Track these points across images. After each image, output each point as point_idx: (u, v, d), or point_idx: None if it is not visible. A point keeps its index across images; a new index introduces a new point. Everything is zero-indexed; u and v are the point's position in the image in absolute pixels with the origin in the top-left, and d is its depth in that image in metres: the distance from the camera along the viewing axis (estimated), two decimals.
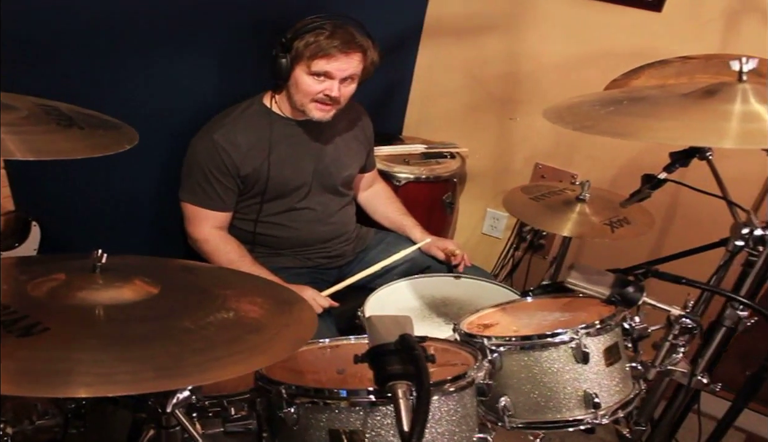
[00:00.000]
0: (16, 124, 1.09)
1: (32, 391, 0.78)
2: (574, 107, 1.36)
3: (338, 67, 1.96)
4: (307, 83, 1.98)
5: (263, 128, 2.08)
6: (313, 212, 2.21)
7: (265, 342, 0.98)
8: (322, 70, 1.96)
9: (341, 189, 2.29)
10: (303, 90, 2.00)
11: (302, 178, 2.16)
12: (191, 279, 1.23)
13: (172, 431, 1.08)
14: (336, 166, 2.23)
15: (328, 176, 2.21)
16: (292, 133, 2.13)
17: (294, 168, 2.13)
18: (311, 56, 1.94)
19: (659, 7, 2.48)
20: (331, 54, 1.94)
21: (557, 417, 1.44)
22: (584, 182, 2.12)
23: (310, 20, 1.95)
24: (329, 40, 1.93)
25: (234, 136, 2.03)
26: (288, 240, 2.21)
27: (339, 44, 1.94)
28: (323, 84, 1.98)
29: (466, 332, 1.51)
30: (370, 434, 1.14)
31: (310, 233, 2.22)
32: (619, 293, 1.42)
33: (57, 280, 1.05)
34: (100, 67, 1.90)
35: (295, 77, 1.99)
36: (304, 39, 1.93)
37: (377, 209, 2.51)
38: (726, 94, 1.22)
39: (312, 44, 1.93)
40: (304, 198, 2.19)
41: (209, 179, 2.04)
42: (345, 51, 1.95)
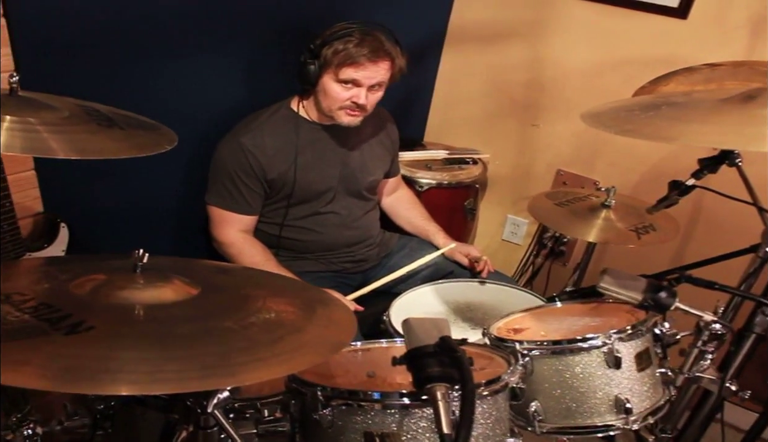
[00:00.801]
0: (57, 123, 1.10)
1: (81, 389, 0.78)
2: (613, 112, 1.36)
3: (366, 75, 1.97)
4: (335, 91, 1.99)
5: (290, 132, 2.09)
6: (338, 217, 2.22)
7: (307, 343, 0.98)
8: (349, 79, 1.96)
9: (366, 194, 2.30)
10: (331, 97, 2.01)
11: (328, 183, 2.17)
12: (228, 280, 1.24)
13: (210, 431, 1.08)
14: (361, 171, 2.24)
15: (353, 181, 2.22)
16: (319, 137, 2.14)
17: (320, 172, 2.14)
18: (339, 64, 1.94)
19: (685, 14, 2.47)
20: (359, 62, 1.94)
21: (588, 423, 1.43)
22: (610, 188, 2.12)
23: (339, 27, 1.95)
24: (357, 48, 1.93)
25: (261, 140, 2.04)
26: (313, 244, 2.21)
27: (367, 52, 1.94)
28: (351, 91, 1.99)
29: (497, 337, 1.51)
30: (406, 436, 1.14)
31: (334, 237, 2.23)
32: (652, 298, 1.42)
33: (98, 279, 1.06)
34: (130, 70, 1.93)
35: (323, 84, 2.00)
36: (332, 46, 1.93)
37: (400, 214, 2.52)
38: (765, 99, 1.21)
39: (340, 52, 1.93)
40: (330, 202, 2.19)
41: (236, 183, 2.05)
42: (373, 59, 1.95)
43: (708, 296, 1.55)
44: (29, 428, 1.34)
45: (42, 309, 0.93)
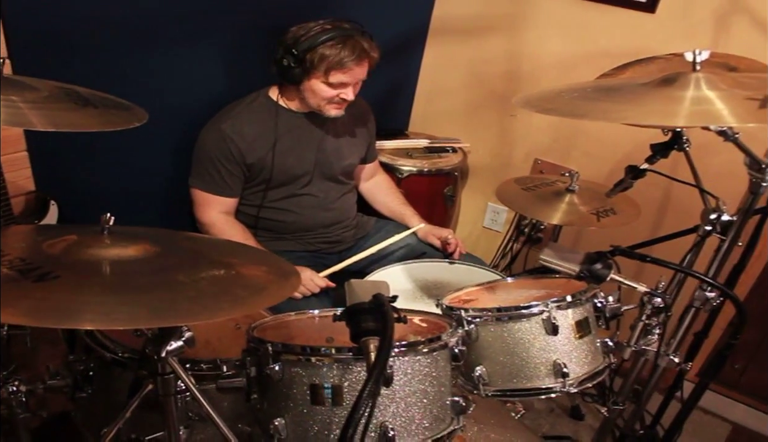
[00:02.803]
0: (38, 101, 1.23)
1: (46, 323, 0.91)
2: (542, 94, 1.47)
3: (353, 76, 2.11)
4: (323, 90, 2.12)
5: (269, 120, 2.21)
6: (315, 199, 2.33)
7: (249, 296, 1.10)
8: (338, 81, 2.10)
9: (341, 178, 2.41)
10: (320, 96, 2.14)
11: (305, 167, 2.28)
12: (190, 245, 1.36)
13: (166, 377, 1.20)
14: (337, 155, 2.35)
15: (328, 165, 2.34)
16: (297, 124, 2.26)
17: (297, 157, 2.26)
18: (328, 69, 2.07)
19: (653, 8, 2.58)
20: (347, 66, 2.07)
21: (528, 385, 1.54)
22: (573, 174, 2.22)
23: (319, 30, 2.06)
24: (343, 53, 2.05)
25: (241, 127, 2.16)
26: (291, 224, 2.33)
27: (353, 57, 2.07)
28: (338, 89, 2.13)
29: (448, 306, 1.62)
30: (347, 387, 1.26)
31: (311, 218, 2.34)
32: (588, 269, 1.53)
33: (69, 240, 1.18)
34: (119, 59, 2.04)
35: (310, 85, 2.13)
36: (317, 52, 2.05)
37: (377, 199, 2.64)
38: (681, 82, 1.33)
39: (327, 58, 2.05)
40: (306, 185, 2.31)
41: (217, 167, 2.17)
42: (358, 62, 2.09)
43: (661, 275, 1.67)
44: (14, 385, 1.47)
45: (16, 263, 1.06)
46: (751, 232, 1.77)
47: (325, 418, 1.27)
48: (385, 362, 1.02)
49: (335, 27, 2.07)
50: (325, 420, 1.27)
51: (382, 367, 1.01)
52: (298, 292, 2.14)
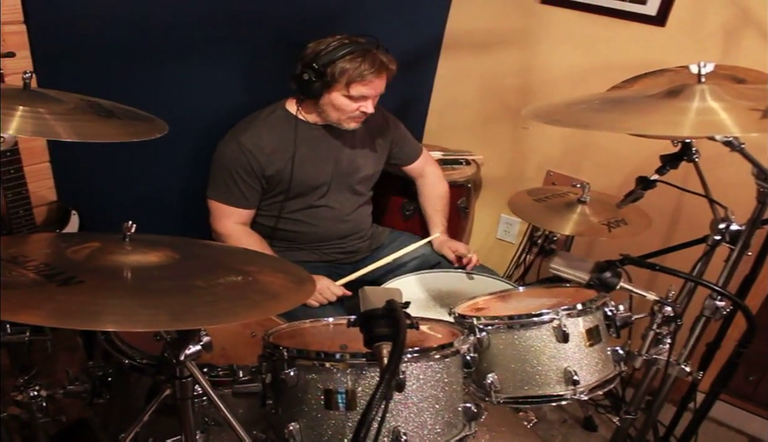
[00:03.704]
0: (63, 113, 1.28)
1: (68, 324, 0.94)
2: (549, 106, 1.50)
3: (373, 88, 2.15)
4: (344, 104, 2.16)
5: (287, 132, 2.24)
6: (331, 210, 2.36)
7: (266, 300, 1.14)
8: (359, 94, 2.13)
9: (358, 189, 2.44)
10: (340, 109, 2.18)
11: (322, 179, 2.31)
12: (209, 252, 1.40)
13: (184, 381, 1.23)
14: (353, 167, 2.38)
15: (345, 177, 2.36)
16: (314, 136, 2.29)
17: (315, 169, 2.29)
18: (349, 83, 2.10)
19: (663, 22, 2.60)
20: (368, 79, 2.11)
21: (539, 393, 1.56)
22: (585, 185, 2.24)
23: (338, 44, 2.10)
24: (363, 66, 2.09)
25: (259, 139, 2.19)
26: (306, 235, 2.36)
27: (373, 70, 2.10)
28: (359, 102, 2.16)
29: (460, 314, 1.64)
30: (361, 393, 1.28)
31: (327, 229, 2.37)
32: (597, 277, 1.54)
33: (92, 247, 1.22)
34: (140, 71, 2.11)
35: (330, 99, 2.16)
36: (337, 66, 2.09)
37: (421, 198, 2.70)
38: (686, 93, 1.36)
39: (348, 71, 2.08)
40: (323, 196, 2.34)
41: (235, 179, 2.20)
42: (378, 74, 2.13)
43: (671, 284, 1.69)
44: (34, 390, 1.51)
45: (41, 268, 1.10)
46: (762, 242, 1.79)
47: (338, 423, 1.30)
48: (398, 365, 1.05)
49: (353, 42, 2.11)
50: (339, 425, 1.30)
51: (395, 370, 1.03)
52: (315, 300, 2.16)
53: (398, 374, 1.06)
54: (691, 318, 1.83)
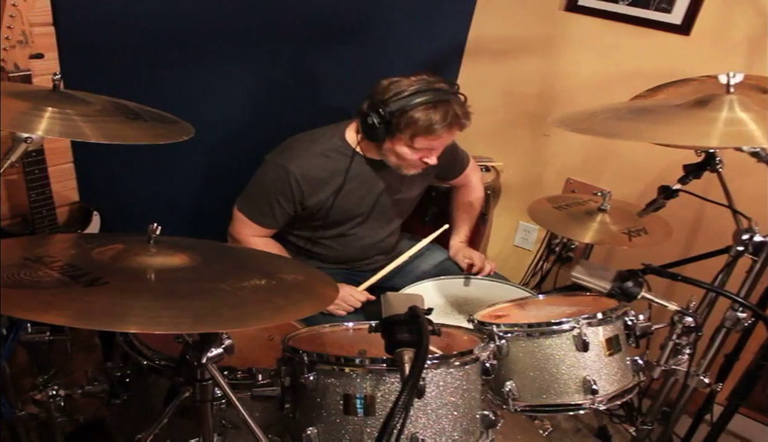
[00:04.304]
0: (90, 115, 1.30)
1: (93, 325, 0.95)
2: (576, 114, 1.50)
3: (441, 142, 2.02)
4: (406, 153, 2.02)
5: (340, 166, 2.11)
6: (363, 238, 2.31)
7: (289, 305, 1.14)
8: (424, 147, 2.00)
9: (397, 216, 2.38)
10: (400, 157, 2.04)
11: (361, 210, 2.24)
12: (233, 255, 1.41)
13: (204, 384, 1.24)
14: (395, 200, 2.29)
15: (385, 208, 2.29)
16: (367, 170, 2.17)
17: (357, 201, 2.21)
18: (414, 135, 1.95)
19: (688, 31, 2.58)
20: (436, 133, 1.95)
21: (558, 401, 1.56)
22: (605, 193, 2.23)
23: (413, 91, 1.93)
24: (434, 118, 1.92)
25: (309, 171, 2.07)
26: (333, 258, 2.33)
27: (444, 124, 1.94)
28: (422, 153, 2.02)
29: (479, 321, 1.64)
30: (380, 398, 1.29)
31: (354, 252, 2.34)
32: (619, 287, 1.53)
33: (117, 248, 1.23)
34: (166, 74, 2.12)
35: (393, 144, 2.01)
36: (406, 115, 1.92)
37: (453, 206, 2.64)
38: (715, 103, 1.35)
39: (416, 123, 1.92)
40: (358, 226, 2.27)
41: (272, 203, 2.11)
42: (449, 129, 1.97)
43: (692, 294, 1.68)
44: (53, 390, 1.52)
45: (66, 268, 1.11)
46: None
47: (357, 428, 1.30)
48: (420, 373, 1.05)
49: (430, 88, 1.94)
50: (357, 430, 1.30)
51: (417, 377, 1.03)
52: (340, 310, 2.14)
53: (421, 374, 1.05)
54: (710, 328, 1.82)
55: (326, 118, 2.22)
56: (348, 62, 2.61)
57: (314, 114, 2.33)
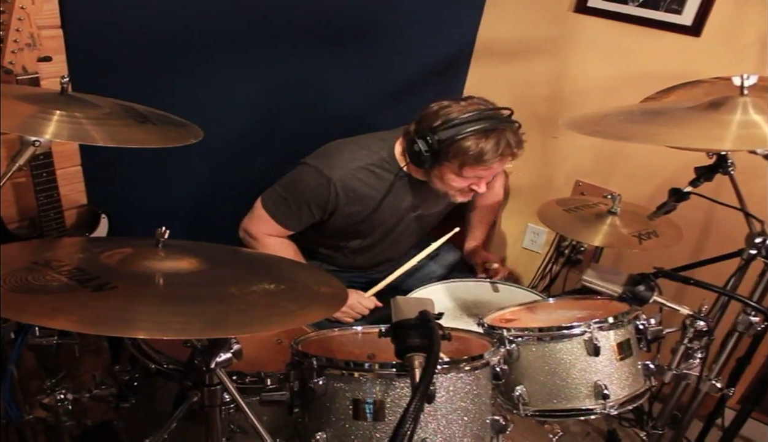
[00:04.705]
0: (99, 118, 1.29)
1: (101, 330, 0.94)
2: (588, 117, 1.49)
3: (491, 173, 1.95)
4: (454, 181, 1.95)
5: (383, 182, 2.05)
6: (384, 252, 2.29)
7: (299, 309, 1.13)
8: (473, 176, 1.93)
9: (419, 233, 2.34)
10: (448, 185, 1.97)
11: (391, 228, 2.21)
12: (242, 259, 1.40)
13: (213, 389, 1.23)
14: (423, 216, 2.26)
15: (414, 227, 2.26)
16: (407, 190, 2.12)
17: (390, 218, 2.16)
18: (461, 164, 1.87)
19: (698, 32, 2.55)
20: (487, 164, 1.88)
21: (568, 406, 1.54)
22: (615, 196, 2.21)
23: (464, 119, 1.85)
24: (486, 148, 1.84)
25: (352, 183, 2.01)
26: (349, 264, 2.32)
27: (496, 153, 1.87)
28: (470, 180, 1.96)
29: (489, 325, 1.63)
30: (390, 403, 1.27)
31: (371, 261, 2.33)
32: (630, 290, 1.53)
33: (125, 252, 1.23)
34: (175, 77, 2.11)
35: (441, 171, 1.94)
36: (455, 144, 1.84)
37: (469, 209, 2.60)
38: (728, 106, 1.33)
39: (466, 152, 1.84)
40: (382, 241, 2.25)
41: (301, 207, 2.05)
42: (501, 160, 1.90)
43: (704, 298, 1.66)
44: (61, 393, 1.51)
45: (75, 272, 1.10)
46: None
47: (366, 433, 1.29)
48: (431, 379, 1.03)
49: (482, 117, 1.86)
50: (367, 435, 1.29)
51: (429, 383, 1.02)
52: (348, 317, 2.13)
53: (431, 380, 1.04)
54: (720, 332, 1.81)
55: (335, 121, 2.21)
56: (357, 65, 2.60)
57: (324, 117, 2.33)
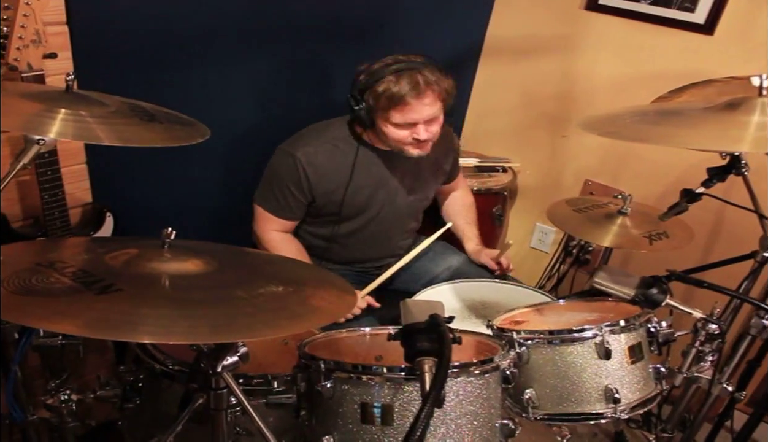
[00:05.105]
0: (105, 116, 1.27)
1: (105, 335, 0.92)
2: (604, 117, 1.46)
3: (415, 114, 1.94)
4: (393, 132, 1.99)
5: (348, 155, 2.11)
6: (375, 237, 2.29)
7: (306, 313, 1.11)
8: (401, 122, 1.95)
9: (410, 217, 2.36)
10: (392, 138, 2.01)
11: (375, 207, 2.22)
12: (249, 261, 1.38)
13: (219, 392, 1.21)
14: (409, 193, 2.27)
15: (399, 203, 2.26)
16: (375, 162, 2.16)
17: (368, 196, 2.19)
18: (385, 109, 1.93)
19: (711, 30, 2.53)
20: (405, 103, 1.91)
21: (578, 410, 1.52)
22: (626, 196, 2.18)
23: (380, 66, 1.93)
24: (398, 88, 1.89)
25: (316, 158, 2.07)
26: (346, 258, 2.32)
27: (408, 90, 1.89)
28: (408, 129, 1.98)
29: (498, 327, 1.61)
30: (398, 407, 1.26)
31: (365, 252, 2.32)
32: (643, 293, 1.50)
33: (130, 253, 1.20)
34: (180, 74, 2.11)
35: (379, 127, 2.00)
36: (372, 91, 1.92)
37: (449, 212, 2.60)
38: (747, 107, 1.31)
39: (382, 97, 1.91)
40: (373, 223, 2.25)
41: (284, 192, 2.11)
42: (417, 96, 1.91)
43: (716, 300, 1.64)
44: (66, 394, 1.50)
45: (79, 274, 1.08)
46: None
47: (374, 437, 1.27)
48: (442, 386, 1.01)
49: (395, 61, 1.92)
50: (374, 439, 1.27)
51: (440, 388, 1.00)
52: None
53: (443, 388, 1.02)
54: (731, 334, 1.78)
55: None
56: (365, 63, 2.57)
57: (331, 114, 2.30)
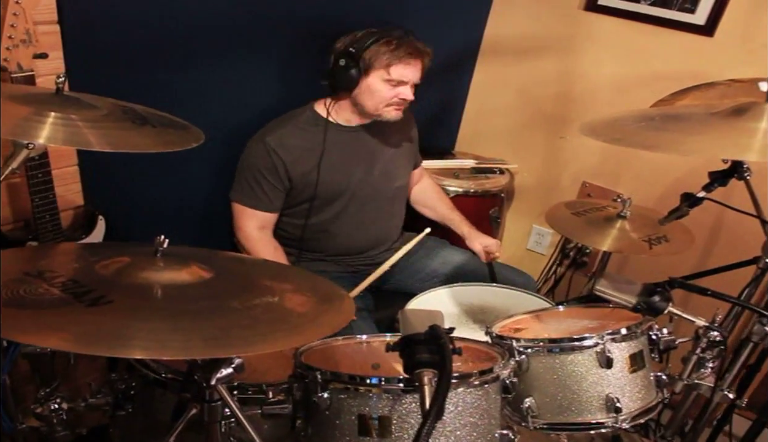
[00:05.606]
0: (96, 120, 1.24)
1: (95, 350, 0.89)
2: (607, 122, 1.43)
3: (412, 72, 2.09)
4: (383, 89, 2.10)
5: (316, 134, 2.18)
6: (357, 220, 2.29)
7: (304, 324, 1.08)
8: (399, 77, 2.08)
9: (390, 197, 2.37)
10: (379, 96, 2.11)
11: (352, 186, 2.24)
12: (243, 269, 1.35)
13: (213, 405, 1.18)
14: (386, 176, 2.32)
15: (377, 185, 2.30)
16: (345, 140, 2.22)
17: (344, 175, 2.23)
18: (389, 64, 2.06)
19: (711, 32, 2.51)
20: (408, 61, 2.07)
21: (579, 420, 1.49)
22: (625, 200, 2.16)
23: (376, 33, 2.08)
24: (401, 50, 2.05)
25: (286, 140, 2.14)
26: (332, 247, 2.30)
27: (412, 51, 2.07)
28: (397, 89, 2.10)
29: (498, 335, 1.58)
30: (396, 419, 1.23)
31: (353, 240, 2.31)
32: (645, 301, 1.48)
33: (122, 262, 1.17)
34: (167, 75, 2.06)
35: (368, 85, 2.10)
36: (374, 49, 2.05)
37: (426, 204, 2.61)
38: (754, 113, 1.28)
39: (386, 53, 2.05)
40: (351, 205, 2.27)
41: (258, 180, 2.15)
42: (415, 57, 2.08)
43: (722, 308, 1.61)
44: (56, 403, 1.46)
45: (69, 285, 1.05)
46: None
47: None
48: (444, 398, 0.98)
49: (387, 29, 2.09)
50: None
51: (442, 401, 0.97)
52: None
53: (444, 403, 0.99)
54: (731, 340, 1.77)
55: None
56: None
57: None
